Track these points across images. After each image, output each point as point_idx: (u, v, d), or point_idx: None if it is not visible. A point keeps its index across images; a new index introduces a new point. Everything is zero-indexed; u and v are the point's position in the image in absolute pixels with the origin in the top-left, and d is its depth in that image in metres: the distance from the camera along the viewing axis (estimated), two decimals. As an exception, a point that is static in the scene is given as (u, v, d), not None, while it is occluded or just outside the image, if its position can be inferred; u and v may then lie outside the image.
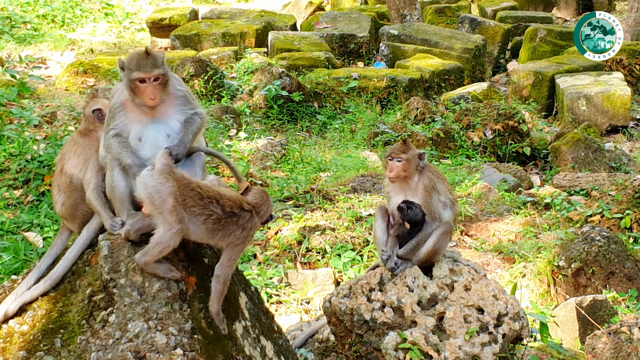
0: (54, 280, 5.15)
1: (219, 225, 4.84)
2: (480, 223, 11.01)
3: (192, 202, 4.78)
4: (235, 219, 4.89)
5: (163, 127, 5.21)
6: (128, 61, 5.19)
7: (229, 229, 4.87)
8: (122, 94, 5.24)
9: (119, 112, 5.21)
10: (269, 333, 5.55)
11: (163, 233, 4.72)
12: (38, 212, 9.77)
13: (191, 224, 4.80)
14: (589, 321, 7.79)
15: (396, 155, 6.00)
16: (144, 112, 5.21)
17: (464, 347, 5.75)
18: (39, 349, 4.82)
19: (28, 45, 23.01)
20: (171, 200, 4.70)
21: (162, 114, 5.25)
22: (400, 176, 6.02)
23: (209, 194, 4.85)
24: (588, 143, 14.82)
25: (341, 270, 9.35)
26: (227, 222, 4.86)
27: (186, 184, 4.79)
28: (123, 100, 5.23)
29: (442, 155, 15.11)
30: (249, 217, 4.96)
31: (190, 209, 4.77)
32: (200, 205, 4.79)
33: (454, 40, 22.12)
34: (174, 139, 5.19)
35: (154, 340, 4.69)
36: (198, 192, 4.80)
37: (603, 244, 9.24)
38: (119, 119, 5.19)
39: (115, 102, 5.24)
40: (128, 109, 5.21)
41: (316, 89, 17.81)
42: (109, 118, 5.22)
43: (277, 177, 12.12)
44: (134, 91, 5.13)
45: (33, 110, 12.95)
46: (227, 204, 4.88)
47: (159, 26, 24.61)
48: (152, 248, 4.76)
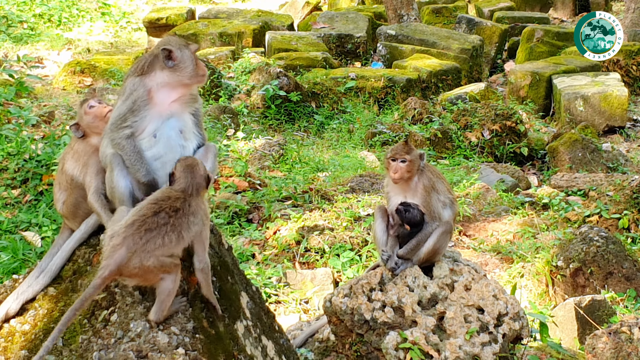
0: (52, 273, 5.15)
1: (178, 230, 4.69)
2: (478, 223, 11.02)
3: (148, 238, 4.58)
4: (181, 212, 4.72)
5: (176, 124, 5.21)
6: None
7: (185, 224, 4.72)
8: (145, 86, 5.22)
9: (144, 106, 5.18)
10: (270, 333, 5.55)
11: (167, 284, 4.66)
12: (36, 212, 9.76)
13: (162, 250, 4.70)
14: (587, 321, 7.80)
15: (400, 156, 5.99)
16: (165, 106, 5.22)
17: (464, 346, 5.76)
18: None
19: (25, 44, 22.98)
20: (150, 261, 4.55)
21: (177, 109, 5.27)
22: (404, 177, 6.01)
23: (150, 215, 4.66)
24: (585, 143, 14.84)
25: (340, 270, 9.35)
26: (179, 221, 4.70)
27: (133, 233, 4.57)
28: (148, 92, 5.21)
29: (440, 155, 15.13)
30: (189, 202, 4.79)
31: (153, 245, 4.59)
32: (156, 233, 4.59)
33: (452, 40, 22.15)
34: (186, 135, 5.22)
35: (156, 340, 4.69)
36: (145, 229, 4.58)
37: (601, 244, 9.25)
38: (142, 113, 5.16)
39: (138, 95, 5.20)
40: (152, 102, 5.20)
41: (314, 89, 17.82)
42: (126, 113, 5.17)
43: (275, 177, 12.11)
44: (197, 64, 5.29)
45: (31, 110, 12.94)
46: (166, 208, 4.70)
47: (156, 26, 24.60)
48: (162, 301, 4.68)
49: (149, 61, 5.33)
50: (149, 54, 5.39)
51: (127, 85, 5.28)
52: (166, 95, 5.27)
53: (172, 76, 5.29)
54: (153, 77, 5.28)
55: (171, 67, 5.28)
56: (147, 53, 5.45)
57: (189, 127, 5.29)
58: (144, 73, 5.28)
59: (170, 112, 5.24)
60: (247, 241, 9.94)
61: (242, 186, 11.23)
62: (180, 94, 5.33)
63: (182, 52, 5.37)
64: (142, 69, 5.30)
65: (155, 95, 5.22)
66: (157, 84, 5.26)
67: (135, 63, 5.39)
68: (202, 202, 4.90)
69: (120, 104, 5.22)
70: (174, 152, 5.19)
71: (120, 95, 5.29)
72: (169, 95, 5.28)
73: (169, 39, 5.46)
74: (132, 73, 5.33)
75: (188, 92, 5.38)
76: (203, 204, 4.93)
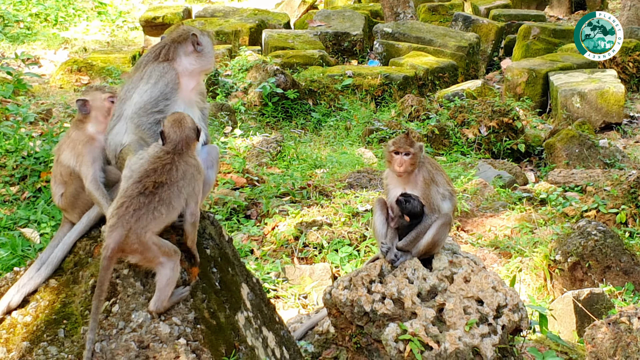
0: (54, 265, 5.17)
1: (167, 202, 4.77)
2: (476, 219, 11.03)
3: (138, 215, 4.71)
4: (167, 184, 4.80)
5: (194, 113, 5.24)
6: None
7: (175, 193, 4.80)
8: (175, 70, 5.24)
9: (175, 91, 5.18)
10: (270, 324, 5.57)
11: (166, 271, 4.71)
12: (35, 209, 9.76)
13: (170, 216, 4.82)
14: (586, 314, 7.82)
15: (404, 149, 5.98)
16: (188, 93, 5.24)
17: (463, 338, 5.77)
18: (42, 339, 4.84)
19: (21, 44, 22.97)
20: (147, 236, 4.70)
21: (195, 98, 5.32)
22: (408, 170, 6.01)
23: (147, 187, 4.77)
24: (582, 140, 14.87)
25: (338, 265, 9.36)
26: (167, 194, 4.77)
27: (124, 213, 4.70)
28: (177, 77, 5.22)
29: (437, 152, 15.14)
30: (177, 164, 4.86)
31: (145, 221, 4.72)
32: (145, 211, 4.71)
33: (448, 38, 22.16)
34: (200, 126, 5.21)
35: (158, 330, 4.71)
36: (133, 208, 4.69)
37: (599, 238, 9.27)
38: (173, 97, 5.17)
39: (169, 79, 5.20)
40: (180, 88, 5.22)
41: (311, 87, 17.82)
42: (158, 97, 5.15)
43: (273, 173, 12.12)
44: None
45: (29, 107, 12.94)
46: (149, 186, 4.77)
47: (152, 25, 24.57)
48: (162, 290, 4.74)
49: (173, 47, 5.35)
50: (169, 40, 5.40)
51: (154, 70, 5.26)
52: (189, 82, 5.31)
53: (196, 62, 5.34)
54: (180, 62, 5.31)
55: (199, 52, 5.32)
56: (166, 40, 5.44)
57: (199, 121, 5.32)
58: (170, 59, 5.29)
59: (191, 100, 5.28)
60: (246, 237, 9.95)
61: (240, 183, 11.23)
62: (197, 82, 5.37)
63: (205, 38, 5.43)
64: (167, 54, 5.31)
65: (181, 81, 5.25)
66: (183, 70, 5.29)
67: (154, 49, 5.39)
68: (192, 158, 4.96)
69: (150, 87, 5.19)
70: None
71: (141, 80, 5.25)
72: (190, 82, 5.32)
73: (186, 27, 5.49)
74: (153, 59, 5.32)
75: (202, 80, 5.43)
76: (194, 159, 4.98)
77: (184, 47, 5.35)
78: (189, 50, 5.34)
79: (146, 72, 5.27)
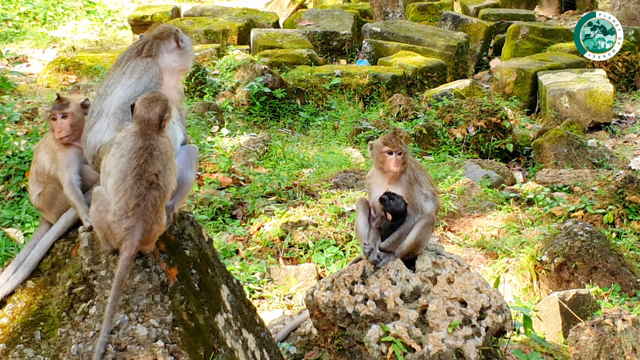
0: (31, 267, 5.12)
1: (167, 172, 4.92)
2: (463, 219, 11.01)
3: (161, 200, 4.86)
4: (158, 151, 4.90)
5: (172, 112, 5.18)
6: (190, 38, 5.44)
7: (168, 176, 4.92)
8: (158, 66, 5.19)
9: (158, 87, 5.13)
10: (250, 326, 5.52)
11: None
12: (19, 208, 9.72)
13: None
14: (572, 315, 7.79)
15: (399, 148, 5.96)
16: (169, 90, 5.20)
17: (446, 340, 5.74)
18: (18, 341, 4.78)
19: (9, 42, 22.87)
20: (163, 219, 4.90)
21: (174, 97, 5.28)
22: (402, 169, 6.00)
23: (151, 181, 4.86)
24: (570, 140, 14.84)
25: (324, 266, 9.33)
26: (164, 181, 4.90)
27: (142, 213, 4.82)
28: (160, 73, 5.18)
29: (425, 152, 15.10)
30: (155, 142, 4.92)
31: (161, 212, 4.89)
32: (158, 191, 4.84)
33: (437, 37, 22.13)
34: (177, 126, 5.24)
35: (135, 333, 4.66)
36: (153, 196, 4.83)
37: (586, 239, 9.25)
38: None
39: (153, 75, 5.15)
40: (162, 85, 5.17)
41: (299, 86, 17.78)
42: (142, 93, 5.08)
43: (259, 173, 12.08)
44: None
45: (14, 107, 12.88)
46: (148, 160, 4.86)
47: (141, 24, 24.46)
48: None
49: (155, 43, 5.29)
50: (151, 37, 5.34)
51: (137, 65, 5.20)
52: (170, 80, 5.27)
53: (178, 59, 5.30)
54: (162, 59, 5.26)
55: (182, 48, 5.28)
56: (147, 36, 5.38)
57: (178, 120, 5.28)
58: (153, 55, 5.24)
59: (172, 98, 5.22)
60: (231, 237, 9.91)
61: (226, 182, 11.19)
62: (177, 81, 5.33)
63: (186, 36, 5.40)
64: (150, 50, 5.25)
65: (164, 77, 5.20)
66: (165, 66, 5.24)
67: (136, 46, 5.33)
68: (164, 137, 5.01)
69: (134, 82, 5.13)
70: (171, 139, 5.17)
71: (123, 75, 5.18)
72: (172, 80, 5.28)
73: (167, 25, 5.44)
74: (135, 54, 5.26)
75: (180, 80, 5.38)
76: (166, 137, 5.03)
77: (166, 43, 5.30)
78: (171, 47, 5.30)
79: (129, 67, 5.21)
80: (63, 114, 5.26)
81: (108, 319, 4.59)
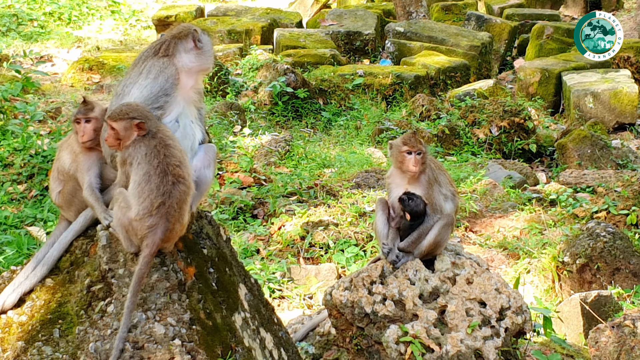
0: (50, 265, 5.13)
1: (185, 165, 4.92)
2: (485, 219, 10.96)
3: (186, 196, 4.89)
4: (168, 146, 4.92)
5: (191, 112, 5.20)
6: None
7: (182, 164, 4.92)
8: (175, 66, 5.18)
9: (175, 87, 5.12)
10: (268, 325, 5.52)
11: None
12: (41, 207, 9.77)
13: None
14: (593, 317, 7.73)
15: (418, 148, 5.95)
16: (186, 91, 5.19)
17: (465, 340, 5.72)
18: (37, 339, 4.80)
19: (35, 42, 23.01)
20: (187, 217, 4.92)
21: (192, 97, 5.28)
22: (421, 169, 5.99)
23: (176, 174, 4.88)
24: (594, 140, 14.75)
25: (344, 266, 9.32)
26: (179, 172, 4.89)
27: (167, 212, 4.85)
28: (177, 73, 5.17)
29: (448, 152, 15.06)
30: (161, 140, 4.92)
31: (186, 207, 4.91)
32: (183, 186, 4.86)
33: (460, 37, 22.07)
34: (196, 126, 5.24)
35: (153, 331, 4.67)
36: (179, 191, 4.86)
37: (608, 240, 9.18)
38: (173, 94, 5.11)
39: (169, 74, 5.12)
40: (179, 85, 5.16)
41: (321, 86, 17.78)
42: (158, 93, 5.09)
43: (281, 172, 12.09)
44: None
45: (37, 106, 12.95)
46: (166, 156, 4.88)
47: (165, 24, 24.51)
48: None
49: (173, 43, 5.28)
50: (169, 36, 5.33)
51: (154, 65, 5.18)
52: (188, 80, 5.25)
53: (195, 60, 5.27)
54: (179, 58, 5.25)
55: (200, 49, 5.26)
56: (166, 35, 5.38)
57: (196, 120, 5.28)
58: (170, 54, 5.23)
59: (190, 98, 5.22)
60: (252, 236, 9.92)
61: (247, 182, 11.21)
62: (195, 81, 5.31)
63: (205, 36, 5.38)
64: (167, 50, 5.24)
65: (181, 77, 5.19)
66: (182, 66, 5.23)
67: (154, 45, 5.31)
68: (165, 129, 5.02)
69: (150, 82, 5.11)
70: (188, 139, 5.17)
71: (140, 75, 5.16)
72: (189, 80, 5.25)
73: (186, 25, 5.43)
74: (153, 54, 5.24)
75: (200, 80, 5.37)
76: (167, 130, 5.04)
77: (184, 43, 5.28)
78: (189, 47, 5.28)
79: (145, 67, 5.19)
80: (87, 118, 5.26)
81: (127, 315, 4.60)
